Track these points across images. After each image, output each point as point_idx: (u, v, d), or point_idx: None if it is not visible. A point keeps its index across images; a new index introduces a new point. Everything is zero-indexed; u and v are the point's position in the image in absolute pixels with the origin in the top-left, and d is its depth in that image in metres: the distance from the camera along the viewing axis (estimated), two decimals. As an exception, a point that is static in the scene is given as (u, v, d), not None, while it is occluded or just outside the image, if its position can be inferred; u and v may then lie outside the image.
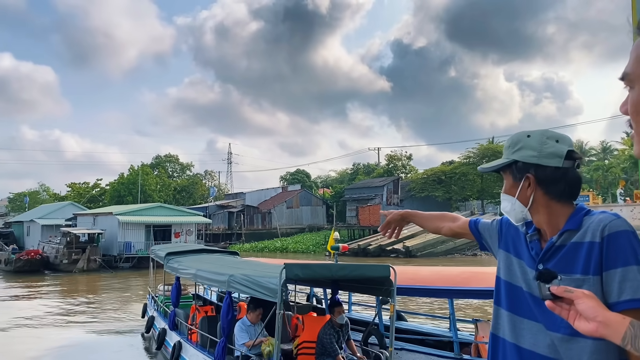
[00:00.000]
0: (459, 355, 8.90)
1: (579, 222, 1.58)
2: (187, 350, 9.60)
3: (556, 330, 1.54)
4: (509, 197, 1.70)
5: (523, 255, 1.71)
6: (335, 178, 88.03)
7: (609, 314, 1.23)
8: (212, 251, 13.10)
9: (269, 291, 6.65)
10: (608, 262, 1.49)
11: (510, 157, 1.68)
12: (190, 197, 78.78)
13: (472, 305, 17.15)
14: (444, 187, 53.23)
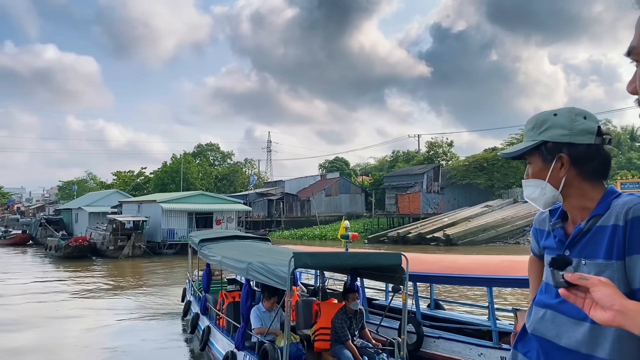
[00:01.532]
0: (498, 344, 8.77)
1: (608, 206, 1.52)
2: (215, 335, 9.85)
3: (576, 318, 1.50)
4: (537, 182, 1.62)
5: (552, 247, 1.67)
6: (375, 166, 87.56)
7: (627, 302, 1.16)
8: (244, 237, 13.25)
9: (280, 279, 6.72)
10: (631, 246, 1.43)
11: (537, 139, 1.60)
12: (231, 185, 79.95)
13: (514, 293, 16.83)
14: (486, 174, 52.16)
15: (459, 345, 9.35)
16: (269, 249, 9.98)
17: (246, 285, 8.10)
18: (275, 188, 71.03)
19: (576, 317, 1.49)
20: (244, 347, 7.92)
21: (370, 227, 52.46)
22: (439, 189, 54.27)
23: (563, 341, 1.51)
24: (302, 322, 8.90)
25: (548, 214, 1.74)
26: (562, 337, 1.51)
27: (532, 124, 1.64)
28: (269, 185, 76.79)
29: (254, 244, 11.84)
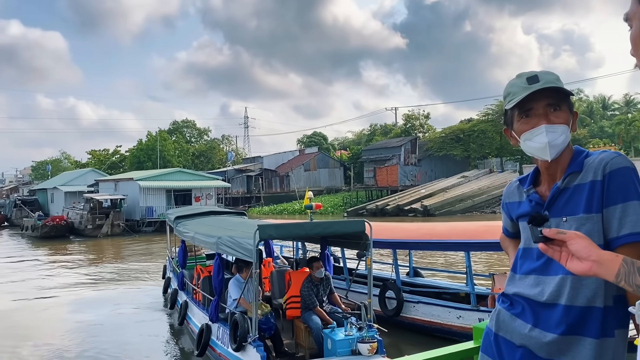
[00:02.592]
0: (476, 306, 9.06)
1: (581, 164, 1.59)
2: (192, 309, 10.01)
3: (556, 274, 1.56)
4: (565, 128, 1.61)
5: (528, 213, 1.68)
6: (352, 139, 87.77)
7: (602, 253, 1.22)
8: (219, 212, 13.30)
9: (246, 251, 6.87)
10: (609, 198, 1.51)
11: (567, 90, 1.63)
12: (208, 162, 79.41)
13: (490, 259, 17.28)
14: (462, 145, 52.73)
15: (438, 309, 9.64)
16: (242, 223, 10.05)
17: (217, 259, 8.19)
18: (253, 164, 70.80)
19: (554, 274, 1.56)
20: (217, 319, 8.06)
21: (350, 201, 52.87)
22: (416, 161, 54.77)
23: (545, 297, 1.58)
24: (277, 291, 9.11)
25: (518, 184, 1.79)
26: (545, 294, 1.58)
27: (554, 75, 1.63)
28: (248, 162, 76.49)
29: (229, 218, 11.91)
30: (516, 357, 1.63)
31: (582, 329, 1.51)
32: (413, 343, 9.21)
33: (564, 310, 1.53)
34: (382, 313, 10.28)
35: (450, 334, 9.01)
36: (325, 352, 7.08)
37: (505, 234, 1.97)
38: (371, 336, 6.88)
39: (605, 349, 1.49)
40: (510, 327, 1.67)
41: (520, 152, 51.46)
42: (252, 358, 6.66)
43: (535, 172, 1.75)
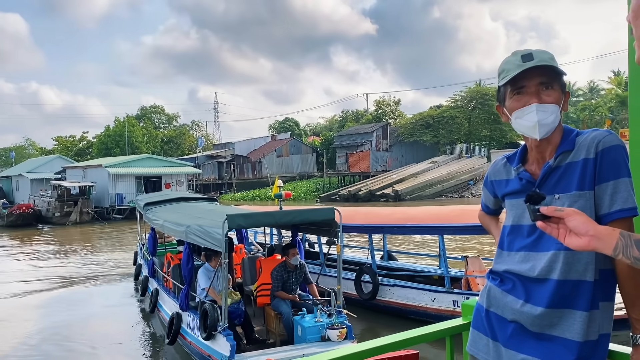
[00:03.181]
0: (450, 289, 9.28)
1: (573, 143, 1.63)
2: (162, 297, 9.97)
3: (547, 250, 1.61)
4: (556, 108, 1.63)
5: (518, 191, 1.73)
6: (325, 125, 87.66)
7: (600, 228, 1.25)
8: (190, 199, 13.17)
9: (215, 241, 6.86)
10: (601, 176, 1.56)
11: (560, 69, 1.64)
12: (178, 148, 78.34)
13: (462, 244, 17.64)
14: (432, 131, 53.31)
15: (413, 292, 9.83)
16: (212, 210, 9.97)
17: (186, 247, 8.15)
18: (225, 150, 70.14)
19: (546, 250, 1.62)
20: (188, 308, 8.04)
21: (322, 187, 53.00)
22: (388, 146, 55.16)
23: (536, 272, 1.63)
24: (249, 278, 9.14)
25: (505, 162, 1.81)
26: (536, 269, 1.63)
27: (549, 54, 1.64)
28: (218, 148, 75.70)
29: (199, 205, 11.79)
30: (508, 332, 1.68)
31: (573, 302, 1.58)
32: (389, 326, 9.39)
33: (556, 284, 1.58)
34: (358, 297, 10.46)
35: (425, 316, 9.22)
36: (295, 338, 7.13)
37: (485, 210, 2.01)
38: (340, 322, 6.94)
39: (593, 321, 1.57)
40: (501, 303, 1.71)
41: (488, 138, 52.42)
42: (222, 347, 6.68)
43: (523, 151, 1.77)
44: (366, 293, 10.37)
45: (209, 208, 10.83)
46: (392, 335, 1.85)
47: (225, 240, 6.66)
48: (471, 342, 1.82)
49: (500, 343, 1.71)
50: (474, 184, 44.69)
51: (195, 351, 7.51)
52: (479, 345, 1.78)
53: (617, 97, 50.54)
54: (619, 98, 50.04)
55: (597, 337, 1.59)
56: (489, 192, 1.92)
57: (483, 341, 1.77)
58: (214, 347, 6.89)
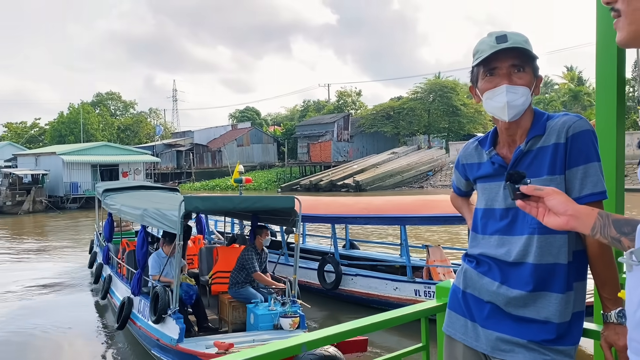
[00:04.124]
0: (412, 278, 9.42)
1: (544, 127, 1.65)
2: (115, 283, 9.82)
3: (521, 234, 1.64)
4: (526, 90, 1.63)
5: (490, 175, 1.75)
6: (286, 115, 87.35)
7: (579, 207, 1.24)
8: (151, 187, 12.96)
9: (171, 223, 6.76)
10: (571, 160, 1.60)
11: (534, 53, 1.65)
12: (135, 136, 76.67)
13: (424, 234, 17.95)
14: (392, 122, 53.90)
15: (375, 281, 9.94)
16: (171, 197, 9.81)
17: (141, 232, 8.00)
18: (184, 139, 68.99)
19: (519, 234, 1.65)
20: (139, 292, 7.93)
21: (283, 176, 52.90)
22: (349, 137, 55.46)
23: (512, 257, 1.66)
24: (205, 268, 8.98)
25: (477, 145, 1.83)
26: (512, 254, 1.66)
27: (524, 37, 1.64)
28: (177, 136, 74.42)
29: (159, 193, 11.62)
30: (485, 312, 1.72)
31: (549, 284, 1.62)
32: (352, 315, 9.49)
33: (532, 268, 1.62)
34: (321, 286, 10.52)
35: (387, 305, 9.32)
36: (248, 326, 7.09)
37: (457, 192, 2.04)
38: (294, 311, 6.91)
39: (567, 302, 1.62)
40: (478, 284, 1.74)
41: (447, 130, 53.41)
42: (172, 330, 6.61)
43: (494, 134, 1.78)
44: (329, 283, 10.43)
45: (168, 196, 10.69)
46: (370, 317, 1.86)
47: (181, 223, 6.51)
48: (448, 322, 1.85)
49: (478, 323, 1.74)
50: (433, 175, 45.50)
51: (145, 336, 7.40)
52: (456, 326, 1.81)
53: (570, 91, 52.31)
54: (572, 92, 51.80)
55: (571, 316, 1.64)
56: (461, 174, 1.94)
57: (460, 322, 1.80)
58: (164, 330, 6.80)
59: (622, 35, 0.98)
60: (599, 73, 2.20)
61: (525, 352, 1.63)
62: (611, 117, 2.16)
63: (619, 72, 2.15)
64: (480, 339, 1.73)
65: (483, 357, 1.75)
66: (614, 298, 1.59)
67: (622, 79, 2.19)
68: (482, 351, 1.73)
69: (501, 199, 1.71)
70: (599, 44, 2.17)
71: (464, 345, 1.78)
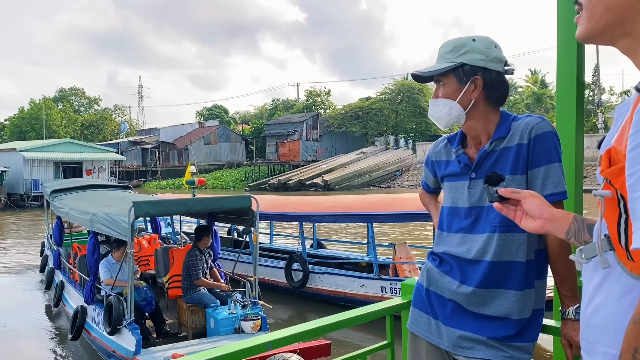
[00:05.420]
0: (378, 275, 9.51)
1: (508, 128, 1.68)
2: (68, 290, 9.45)
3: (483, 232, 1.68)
4: (447, 101, 1.68)
5: (456, 173, 1.78)
6: (254, 114, 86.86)
7: (555, 211, 1.24)
8: (102, 186, 12.51)
9: (121, 229, 6.51)
10: (534, 161, 1.63)
11: (455, 61, 1.67)
12: (99, 133, 75.07)
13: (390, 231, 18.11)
14: (361, 122, 54.22)
15: (343, 279, 9.99)
16: (123, 198, 9.42)
17: (92, 237, 7.63)
18: (149, 136, 67.86)
19: (481, 233, 1.68)
20: (93, 301, 7.64)
21: (252, 175, 52.61)
22: (318, 136, 55.52)
23: (472, 255, 1.69)
24: (162, 270, 8.70)
25: (446, 143, 1.86)
26: (472, 252, 1.69)
27: (450, 46, 1.69)
28: (143, 134, 73.15)
29: (110, 193, 11.19)
30: (447, 310, 1.75)
31: (506, 282, 1.66)
32: (319, 313, 9.51)
33: (489, 266, 1.65)
34: (288, 285, 10.51)
35: (354, 303, 9.38)
36: (208, 331, 6.88)
37: (426, 189, 2.06)
38: (255, 313, 6.73)
39: (526, 299, 1.66)
40: (440, 283, 1.78)
41: (414, 131, 54.05)
42: (128, 342, 6.37)
43: (463, 133, 1.81)
44: (296, 281, 10.43)
45: (120, 196, 10.19)
46: (336, 315, 1.87)
47: (131, 229, 6.26)
48: (412, 320, 1.88)
49: (440, 321, 1.77)
50: (400, 175, 45.97)
51: (100, 347, 7.14)
52: (420, 323, 1.84)
53: (533, 94, 53.60)
54: (535, 95, 53.10)
55: (531, 313, 1.68)
56: (430, 171, 1.97)
57: (424, 319, 1.82)
58: (119, 342, 6.56)
59: (580, 29, 0.98)
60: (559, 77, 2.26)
61: (486, 348, 1.67)
62: (571, 120, 2.22)
63: (579, 77, 2.22)
64: (443, 336, 1.76)
65: (446, 354, 1.78)
66: (573, 295, 1.64)
67: (582, 83, 2.26)
68: (445, 348, 1.76)
69: (465, 198, 1.74)
70: (560, 49, 2.23)
71: (427, 343, 1.81)
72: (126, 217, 6.27)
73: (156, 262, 8.97)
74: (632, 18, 0.88)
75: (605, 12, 0.90)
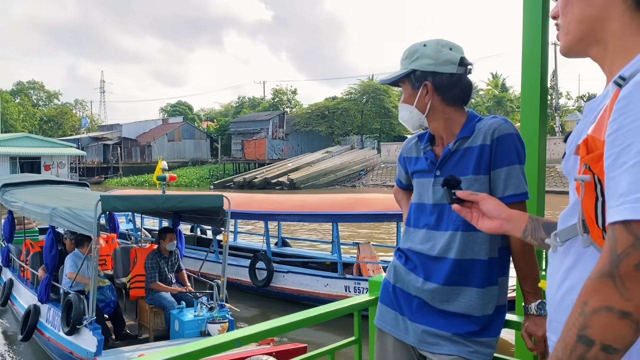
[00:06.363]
0: (342, 275, 9.57)
1: (472, 129, 1.73)
2: (18, 288, 9.07)
3: (446, 230, 1.72)
4: (407, 106, 1.76)
5: (423, 170, 1.83)
6: (220, 111, 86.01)
7: (511, 211, 1.30)
8: (57, 182, 12.01)
9: (86, 224, 6.28)
10: (496, 162, 1.68)
11: (408, 67, 1.74)
12: (59, 128, 73.09)
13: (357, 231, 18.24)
14: (327, 122, 54.38)
15: (307, 278, 10.01)
16: (82, 194, 9.09)
17: (50, 232, 7.33)
18: (111, 132, 66.41)
19: (444, 230, 1.72)
20: (48, 300, 7.33)
21: (217, 173, 52.09)
22: (284, 135, 55.41)
23: (435, 252, 1.73)
24: (121, 270, 8.44)
25: (417, 140, 1.90)
26: (435, 249, 1.73)
27: (405, 54, 1.76)
28: (104, 129, 71.53)
29: (67, 189, 10.74)
30: (413, 306, 1.79)
31: (469, 280, 1.70)
32: (283, 312, 9.47)
33: (452, 263, 1.70)
34: (252, 284, 10.46)
35: (317, 302, 9.41)
36: (172, 333, 6.66)
37: (399, 185, 2.10)
38: (222, 316, 6.57)
39: (489, 296, 1.71)
40: (405, 279, 1.81)
41: (379, 131, 54.56)
42: (88, 342, 6.10)
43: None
44: (260, 280, 10.39)
45: (78, 192, 9.77)
46: (305, 311, 1.88)
47: (97, 224, 6.01)
48: (379, 316, 1.91)
49: (407, 317, 1.80)
50: (365, 174, 46.32)
51: (55, 348, 6.80)
52: (387, 319, 1.87)
53: (494, 97, 54.80)
54: (496, 98, 54.31)
55: (494, 310, 1.73)
56: (402, 167, 2.01)
57: (390, 315, 1.86)
58: (78, 342, 6.28)
59: (561, 44, 1.08)
60: (524, 82, 2.33)
61: (450, 344, 1.71)
62: (534, 123, 2.30)
63: (542, 82, 2.29)
64: (409, 332, 1.80)
65: (412, 350, 1.81)
66: (534, 291, 1.69)
67: (545, 88, 2.33)
68: (411, 344, 1.80)
69: (430, 195, 1.78)
70: (525, 56, 2.30)
71: (394, 338, 1.84)
72: (91, 211, 6.05)
73: (114, 262, 8.68)
74: (600, 27, 0.99)
75: (577, 24, 1.03)
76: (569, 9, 1.04)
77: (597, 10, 0.99)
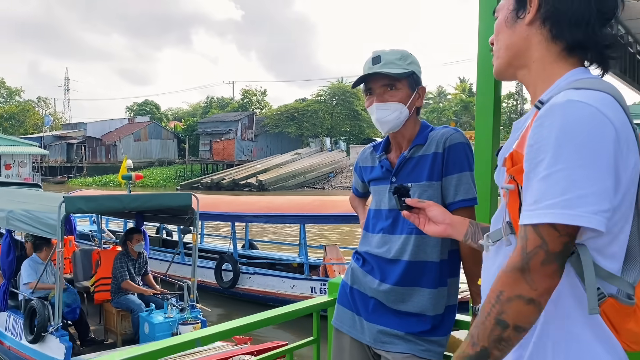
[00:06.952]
0: (309, 276, 9.64)
1: (426, 137, 1.83)
2: None
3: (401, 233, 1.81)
4: (399, 105, 1.78)
5: (379, 178, 1.91)
6: (188, 111, 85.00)
7: (454, 217, 1.43)
8: (6, 184, 11.71)
9: (49, 227, 6.07)
10: (447, 169, 1.78)
11: (408, 68, 1.79)
12: (21, 126, 71.01)
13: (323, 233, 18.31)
14: (297, 123, 54.38)
15: (273, 279, 10.04)
16: (38, 195, 8.82)
17: (7, 237, 7.07)
18: (75, 131, 64.95)
19: (399, 234, 1.81)
20: (7, 307, 7.07)
21: (184, 174, 51.48)
22: (253, 136, 55.14)
23: (391, 254, 1.82)
24: (81, 273, 8.18)
25: (372, 150, 1.98)
26: (391, 251, 1.82)
27: (398, 54, 1.80)
28: (68, 128, 69.94)
29: (19, 190, 10.43)
30: (369, 307, 1.87)
31: (421, 281, 1.79)
32: (248, 313, 9.47)
33: (406, 265, 1.78)
34: (218, 285, 10.43)
35: (283, 303, 9.28)
36: (142, 337, 6.50)
37: (355, 193, 2.18)
38: (194, 317, 6.49)
39: (440, 297, 1.80)
40: (362, 281, 1.90)
41: (348, 133, 54.83)
42: (55, 350, 5.90)
43: (387, 140, 1.95)
44: (226, 281, 10.37)
45: (32, 193, 9.39)
46: (265, 312, 1.93)
47: (61, 227, 5.78)
48: (336, 316, 1.98)
49: (363, 317, 1.88)
50: (334, 177, 46.51)
51: (17, 357, 6.56)
52: (344, 319, 1.94)
53: (462, 101, 55.70)
54: (463, 103, 55.21)
55: (444, 309, 1.82)
56: (358, 176, 2.08)
57: (348, 315, 1.93)
58: (43, 350, 6.06)
59: (494, 68, 1.22)
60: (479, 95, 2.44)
61: (403, 343, 1.79)
62: (488, 131, 2.40)
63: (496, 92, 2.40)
64: (365, 331, 1.87)
65: (367, 349, 1.89)
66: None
67: (499, 97, 2.44)
68: (367, 343, 1.87)
69: (387, 200, 1.87)
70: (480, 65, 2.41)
71: (350, 338, 1.91)
72: (53, 213, 5.87)
73: (74, 266, 8.37)
74: (524, 55, 1.12)
75: (505, 50, 1.16)
76: (500, 37, 1.17)
77: (520, 40, 1.12)
